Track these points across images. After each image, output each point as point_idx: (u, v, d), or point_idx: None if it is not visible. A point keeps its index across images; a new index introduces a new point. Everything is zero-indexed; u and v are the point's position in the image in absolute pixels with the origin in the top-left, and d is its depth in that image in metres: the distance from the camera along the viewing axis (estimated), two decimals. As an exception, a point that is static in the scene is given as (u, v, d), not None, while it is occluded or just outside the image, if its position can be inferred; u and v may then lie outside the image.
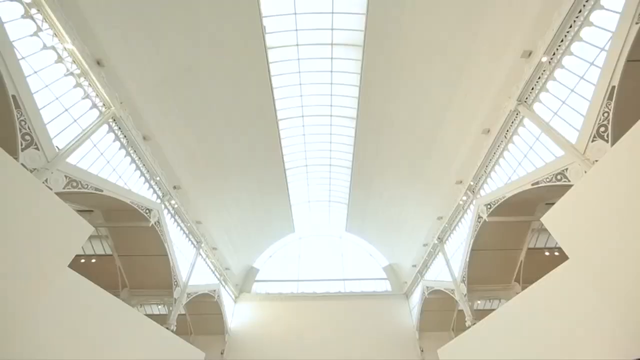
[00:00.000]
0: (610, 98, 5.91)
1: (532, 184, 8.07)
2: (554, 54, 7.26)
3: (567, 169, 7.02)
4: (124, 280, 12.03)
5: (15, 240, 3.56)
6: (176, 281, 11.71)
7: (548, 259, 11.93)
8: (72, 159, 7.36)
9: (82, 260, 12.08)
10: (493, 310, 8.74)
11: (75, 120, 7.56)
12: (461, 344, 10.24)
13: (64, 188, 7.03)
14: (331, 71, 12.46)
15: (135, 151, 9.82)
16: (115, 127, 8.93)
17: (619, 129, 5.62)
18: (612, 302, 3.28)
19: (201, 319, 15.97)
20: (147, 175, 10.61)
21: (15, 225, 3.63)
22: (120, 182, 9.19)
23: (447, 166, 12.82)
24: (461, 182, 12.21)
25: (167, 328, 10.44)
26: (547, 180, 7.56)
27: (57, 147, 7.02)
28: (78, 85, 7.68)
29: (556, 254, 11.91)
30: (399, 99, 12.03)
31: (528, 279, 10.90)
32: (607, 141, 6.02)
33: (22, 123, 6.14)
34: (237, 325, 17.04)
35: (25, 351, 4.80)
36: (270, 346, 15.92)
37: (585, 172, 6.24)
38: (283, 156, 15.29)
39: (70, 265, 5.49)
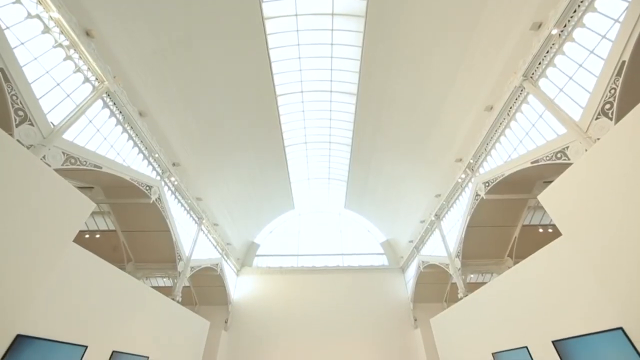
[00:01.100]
0: (619, 74, 5.74)
1: (532, 162, 8.07)
2: (565, 25, 6.94)
3: (567, 147, 6.99)
4: (129, 254, 12.38)
5: (18, 217, 3.60)
6: (179, 255, 12.05)
7: (541, 236, 12.25)
8: (68, 136, 7.25)
9: (87, 236, 12.33)
10: (485, 283, 9.12)
11: (68, 95, 7.35)
12: (453, 314, 10.80)
13: (62, 165, 7.00)
14: (331, 44, 11.95)
15: (132, 127, 9.66)
16: (110, 103, 8.71)
17: (625, 107, 5.52)
18: (601, 276, 3.42)
19: (205, 290, 16.67)
20: (146, 152, 10.52)
21: (17, 202, 3.66)
22: (118, 159, 9.14)
23: (448, 144, 12.73)
24: (461, 160, 12.20)
25: (173, 299, 10.91)
26: (547, 158, 7.56)
27: (52, 123, 6.89)
28: (68, 57, 7.37)
29: (550, 230, 12.21)
30: (401, 74, 11.67)
31: (520, 255, 11.28)
32: (611, 119, 5.94)
33: (14, 98, 5.97)
34: (240, 297, 17.82)
35: (38, 322, 5.05)
36: (272, 316, 16.77)
37: (586, 150, 6.22)
38: (282, 133, 15.10)
39: (76, 241, 5.62)
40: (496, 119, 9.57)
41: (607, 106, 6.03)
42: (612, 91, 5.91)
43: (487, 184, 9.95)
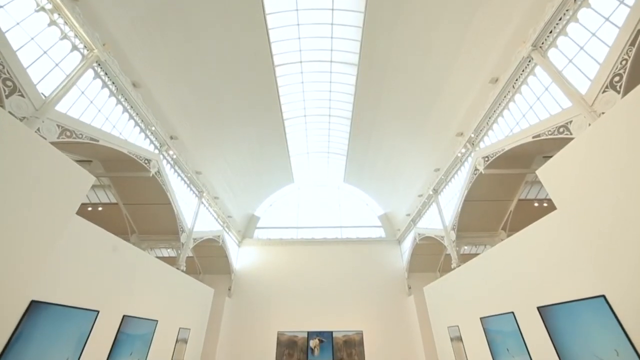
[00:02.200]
0: (632, 44, 5.48)
1: (533, 137, 7.99)
2: (581, -11, 6.50)
3: (571, 122, 6.88)
4: (132, 226, 12.67)
5: (18, 189, 3.63)
6: (182, 228, 12.34)
7: (536, 210, 12.50)
8: (61, 108, 7.07)
9: (89, 209, 12.53)
10: (478, 254, 9.46)
11: (57, 65, 7.05)
12: (445, 282, 11.34)
13: (58, 138, 6.91)
14: (332, 9, 11.24)
15: (126, 99, 9.39)
16: (102, 73, 8.38)
17: (635, 80, 5.35)
18: (589, 248, 3.55)
19: (208, 260, 17.32)
20: (142, 125, 10.34)
21: (16, 175, 3.66)
22: (115, 132, 9.00)
23: (449, 118, 12.51)
24: (462, 134, 12.07)
25: (177, 268, 11.36)
26: (549, 133, 7.47)
27: (42, 94, 6.68)
28: (52, 22, 6.95)
29: (545, 205, 12.42)
30: (404, 42, 11.12)
31: (514, 228, 11.60)
32: (618, 92, 5.78)
33: (0, 67, 5.74)
34: (242, 267, 18.56)
35: (51, 290, 5.30)
36: (273, 284, 17.60)
37: (589, 125, 6.13)
38: (281, 106, 14.74)
39: (79, 214, 5.71)
40: (501, 91, 9.31)
41: (616, 78, 5.83)
42: (624, 62, 5.68)
43: (486, 159, 9.93)
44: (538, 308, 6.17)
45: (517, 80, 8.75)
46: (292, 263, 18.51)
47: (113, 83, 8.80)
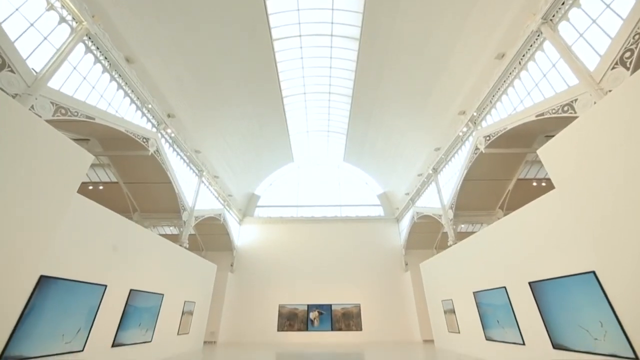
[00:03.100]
0: (647, 17, 5.24)
1: (537, 116, 7.87)
2: (599, -45, 6.09)
3: (576, 100, 6.74)
4: (134, 205, 12.81)
5: (17, 170, 3.62)
6: (183, 206, 12.49)
7: (534, 189, 12.58)
8: (54, 85, 6.88)
9: (90, 187, 12.58)
10: (474, 232, 9.66)
11: (45, 38, 6.76)
12: (441, 259, 11.68)
13: (53, 116, 6.79)
14: (333, -24, 10.58)
15: (120, 75, 9.12)
16: (93, 47, 8.06)
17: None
18: (584, 228, 3.62)
19: (210, 238, 17.70)
20: (138, 103, 10.12)
21: (14, 155, 3.64)
22: (111, 110, 8.83)
23: (452, 96, 12.22)
24: (464, 112, 11.87)
25: (180, 245, 11.64)
26: (554, 111, 7.35)
27: (33, 70, 6.47)
28: (37, -8, 6.57)
29: (543, 184, 12.49)
30: (407, 15, 10.59)
31: (511, 207, 11.74)
32: (628, 69, 5.62)
33: (-13, 41, 5.50)
34: (243, 244, 19.02)
35: (59, 266, 5.46)
36: (274, 260, 18.13)
37: (595, 103, 6.01)
38: (280, 82, 14.34)
39: (81, 194, 5.75)
40: (506, 67, 9.04)
41: (627, 54, 5.64)
42: (636, 37, 5.46)
43: (487, 138, 9.85)
44: (529, 283, 6.42)
45: (524, 56, 8.46)
46: (292, 241, 18.94)
47: (105, 58, 8.50)
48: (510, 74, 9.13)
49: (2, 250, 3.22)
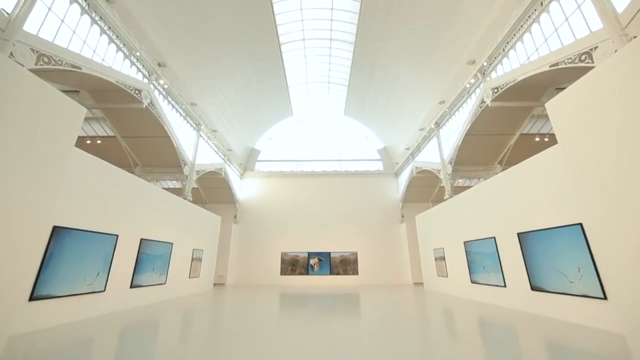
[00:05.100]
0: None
1: (551, 66, 7.40)
2: None
3: (596, 48, 6.27)
4: (134, 159, 12.82)
5: (8, 124, 3.53)
6: (183, 160, 12.52)
7: (536, 145, 12.48)
8: (30, 30, 6.31)
9: (88, 142, 12.45)
10: (471, 187, 9.87)
11: (10, -29, 5.98)
12: (436, 212, 12.15)
13: (36, 65, 6.37)
14: None
15: (101, 18, 8.31)
16: (66, -18, 7.18)
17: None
18: (581, 182, 3.68)
19: (213, 191, 18.15)
20: (125, 50, 9.42)
21: (3, 108, 3.51)
22: (96, 59, 8.26)
23: (464, 43, 11.31)
24: (474, 62, 11.13)
25: (185, 198, 11.99)
26: (569, 61, 6.89)
27: (4, 10, 5.88)
28: None
29: (546, 139, 12.34)
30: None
31: (511, 162, 11.79)
32: (659, 11, 5.10)
33: (-55, -26, 4.88)
34: (246, 197, 19.57)
35: (70, 218, 5.70)
36: (276, 212, 18.87)
37: (616, 52, 5.60)
38: (277, 27, 13.14)
39: (83, 149, 5.71)
40: (527, 8, 8.19)
41: (662, -6, 5.06)
42: (676, -28, 4.84)
43: (495, 90, 9.42)
44: (518, 234, 6.79)
45: (547, -6, 7.59)
46: (292, 194, 19.45)
47: (82, -4, 7.64)
48: (529, 17, 8.32)
49: (15, 203, 3.34)
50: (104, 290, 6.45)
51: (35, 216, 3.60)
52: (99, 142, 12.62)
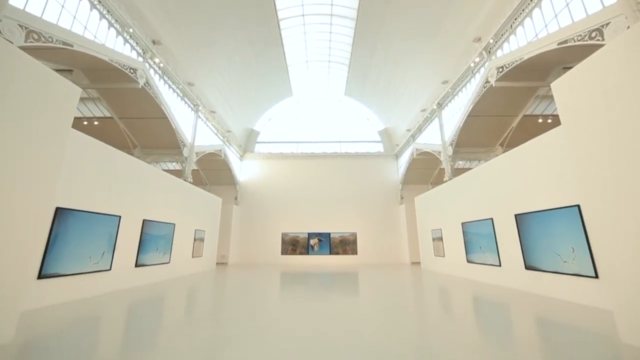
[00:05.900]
0: None
1: (559, 43, 7.15)
2: None
3: (607, 24, 6.02)
4: (133, 141, 12.72)
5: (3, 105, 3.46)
6: (182, 142, 12.42)
7: (539, 126, 12.32)
8: (16, 4, 6.03)
9: (85, 123, 12.29)
10: (471, 169, 9.86)
11: (-9, -62, 5.62)
12: (436, 194, 12.22)
13: (25, 42, 6.16)
14: None
15: (90, -10, 7.92)
16: (50, -49, 6.77)
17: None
18: (581, 165, 3.68)
19: (213, 173, 18.17)
20: (117, 26, 9.06)
21: (-2, 86, 3.43)
22: (88, 36, 7.96)
23: (469, 19, 10.86)
24: (479, 39, 10.74)
25: (185, 180, 12.02)
26: (579, 38, 6.64)
27: (-12, -18, 5.59)
28: None
29: (549, 121, 12.17)
30: None
31: (512, 144, 11.70)
32: (676, -16, 4.85)
33: None
34: (246, 179, 19.62)
35: (73, 199, 5.74)
36: (276, 194, 18.99)
37: (628, 28, 5.39)
38: (275, 1, 12.55)
39: (82, 131, 5.64)
40: (537, -18, 7.79)
41: (681, -36, 4.79)
42: (700, -60, 4.55)
43: (500, 70, 9.16)
44: (515, 215, 6.88)
45: (560, -35, 7.19)
46: (293, 175, 19.49)
47: (69, -33, 7.23)
48: (539, -10, 7.92)
49: (16, 185, 3.37)
50: (110, 269, 6.63)
51: (37, 198, 3.62)
52: (96, 123, 12.45)
